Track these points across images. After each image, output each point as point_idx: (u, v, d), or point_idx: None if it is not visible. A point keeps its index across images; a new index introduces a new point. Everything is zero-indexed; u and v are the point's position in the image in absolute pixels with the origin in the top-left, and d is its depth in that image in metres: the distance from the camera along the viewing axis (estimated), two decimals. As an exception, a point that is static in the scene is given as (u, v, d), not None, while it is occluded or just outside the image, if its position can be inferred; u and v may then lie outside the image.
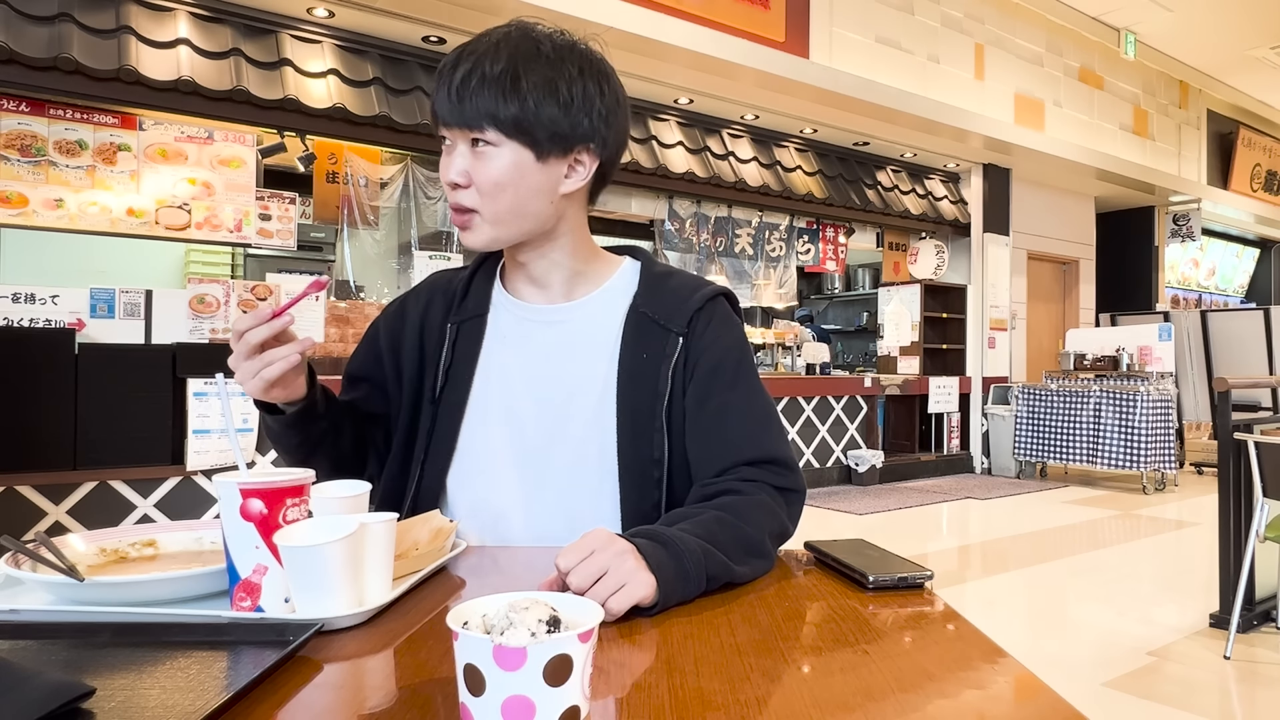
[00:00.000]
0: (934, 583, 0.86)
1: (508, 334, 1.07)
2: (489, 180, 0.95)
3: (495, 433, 1.03)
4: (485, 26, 1.00)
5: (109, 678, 0.57)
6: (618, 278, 1.08)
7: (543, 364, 1.04)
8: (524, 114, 0.92)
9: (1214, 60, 9.25)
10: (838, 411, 7.05)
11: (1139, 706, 2.59)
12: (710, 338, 1.03)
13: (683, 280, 1.08)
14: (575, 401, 1.02)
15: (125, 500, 3.82)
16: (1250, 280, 12.27)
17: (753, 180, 6.51)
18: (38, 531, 0.85)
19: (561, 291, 1.06)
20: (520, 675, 0.49)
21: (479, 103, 0.92)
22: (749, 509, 0.90)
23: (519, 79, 0.92)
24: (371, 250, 5.54)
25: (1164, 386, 6.82)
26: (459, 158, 0.95)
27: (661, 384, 1.01)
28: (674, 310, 1.04)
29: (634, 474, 1.00)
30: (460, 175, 0.95)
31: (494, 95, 0.91)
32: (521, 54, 0.93)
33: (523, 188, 0.96)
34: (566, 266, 1.06)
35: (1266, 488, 2.97)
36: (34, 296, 3.70)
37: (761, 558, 0.87)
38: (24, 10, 3.86)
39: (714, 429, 0.99)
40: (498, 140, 0.93)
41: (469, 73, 0.92)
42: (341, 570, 0.69)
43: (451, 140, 0.96)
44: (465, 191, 0.96)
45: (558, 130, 0.95)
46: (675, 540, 0.78)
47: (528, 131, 0.93)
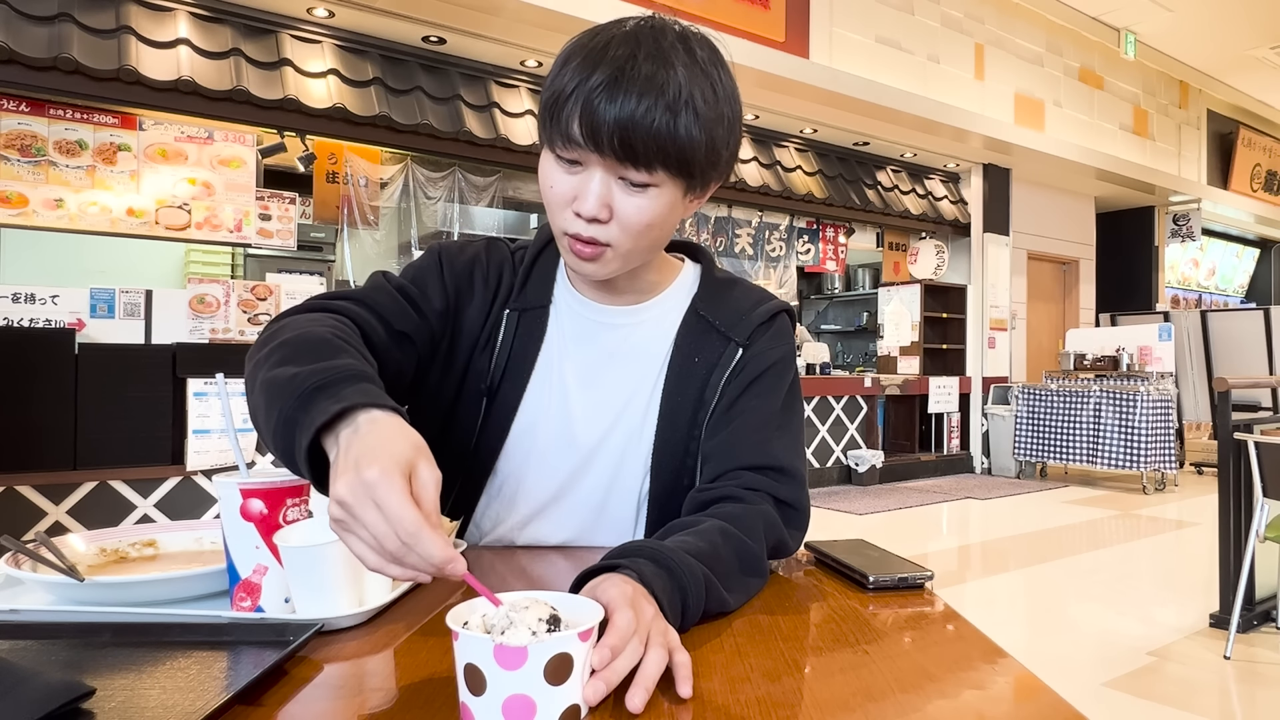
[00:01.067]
0: (934, 583, 0.86)
1: (569, 332, 1.02)
2: (641, 222, 0.85)
3: (544, 432, 1.00)
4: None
5: (109, 678, 0.57)
6: (680, 281, 1.05)
7: (602, 366, 1.01)
8: (694, 151, 0.83)
9: (1214, 60, 9.25)
10: (838, 411, 7.05)
11: (1139, 706, 2.59)
12: (763, 348, 0.99)
13: (746, 290, 1.05)
14: (628, 406, 1.00)
15: (125, 500, 3.82)
16: (1250, 280, 12.27)
17: (753, 180, 6.51)
18: (38, 531, 0.85)
19: (631, 297, 1.02)
20: (521, 674, 0.49)
21: (651, 139, 0.80)
22: (753, 520, 0.85)
23: (696, 110, 0.81)
24: (371, 250, 5.54)
25: (1164, 386, 6.82)
26: (598, 185, 0.83)
27: (710, 392, 0.97)
28: (737, 320, 1.00)
29: (666, 478, 0.98)
30: (603, 209, 0.84)
31: (669, 131, 0.80)
32: (689, 71, 0.82)
33: (668, 225, 0.89)
34: (644, 278, 1.02)
35: (1266, 488, 2.97)
36: (34, 296, 3.70)
37: (758, 576, 0.83)
38: (24, 10, 3.86)
39: (724, 430, 0.95)
40: (660, 180, 0.83)
41: (640, 97, 0.79)
42: (341, 570, 0.69)
43: (585, 163, 0.83)
44: (604, 227, 0.85)
45: (712, 167, 0.87)
46: (683, 572, 0.71)
47: (691, 172, 0.85)
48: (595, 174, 0.83)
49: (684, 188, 0.87)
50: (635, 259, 0.91)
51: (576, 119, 0.80)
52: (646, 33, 0.83)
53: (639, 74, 0.79)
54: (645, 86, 0.79)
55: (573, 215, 0.85)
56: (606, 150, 0.80)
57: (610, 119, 0.79)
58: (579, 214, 0.84)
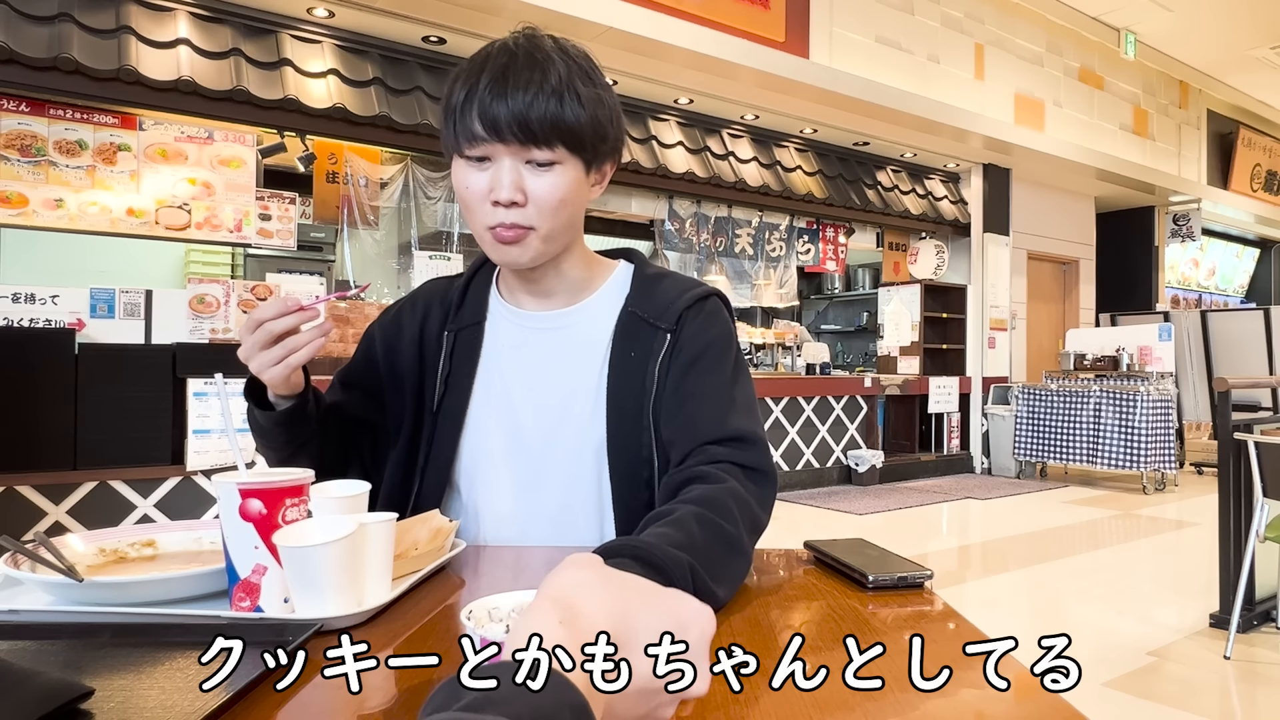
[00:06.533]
0: (934, 582, 0.86)
1: (506, 341, 1.07)
2: (553, 199, 0.93)
3: (494, 440, 1.04)
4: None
5: (108, 678, 0.57)
6: (613, 281, 1.09)
7: (541, 370, 1.05)
8: (583, 129, 0.92)
9: (1214, 60, 9.25)
10: (838, 411, 7.05)
11: (1139, 706, 2.59)
12: (695, 330, 1.02)
13: (674, 281, 1.08)
14: (571, 405, 1.03)
15: (125, 500, 3.82)
16: (1250, 280, 12.26)
17: (753, 180, 6.51)
18: (37, 531, 0.85)
19: (563, 299, 1.07)
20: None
21: (545, 119, 0.90)
22: (724, 499, 0.85)
23: (578, 93, 0.92)
24: (371, 250, 5.54)
25: (1164, 386, 6.82)
26: (509, 171, 0.92)
27: (649, 380, 1.00)
28: (664, 309, 1.03)
29: (624, 473, 1.00)
30: (518, 193, 0.92)
31: (558, 111, 0.90)
32: (567, 66, 0.93)
33: (577, 204, 0.97)
34: (572, 276, 1.06)
35: (1266, 488, 2.97)
36: (34, 296, 3.70)
37: (740, 556, 0.83)
38: (24, 10, 3.86)
39: (680, 412, 0.98)
40: (561, 157, 0.92)
41: (526, 86, 0.89)
42: (341, 570, 0.69)
43: (493, 156, 0.92)
44: (522, 210, 0.93)
45: (604, 143, 0.96)
46: (668, 565, 0.71)
47: (585, 147, 0.94)
48: (504, 162, 0.92)
49: (584, 165, 0.95)
50: (555, 241, 0.98)
51: (475, 117, 0.90)
52: (523, 42, 0.94)
53: (522, 70, 0.91)
54: (529, 78, 0.90)
55: (491, 207, 0.93)
56: (509, 136, 0.90)
57: (504, 110, 0.89)
58: (497, 201, 0.92)
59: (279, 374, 0.91)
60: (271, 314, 0.89)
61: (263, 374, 0.92)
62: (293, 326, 0.90)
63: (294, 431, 0.99)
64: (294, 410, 0.98)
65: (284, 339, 0.91)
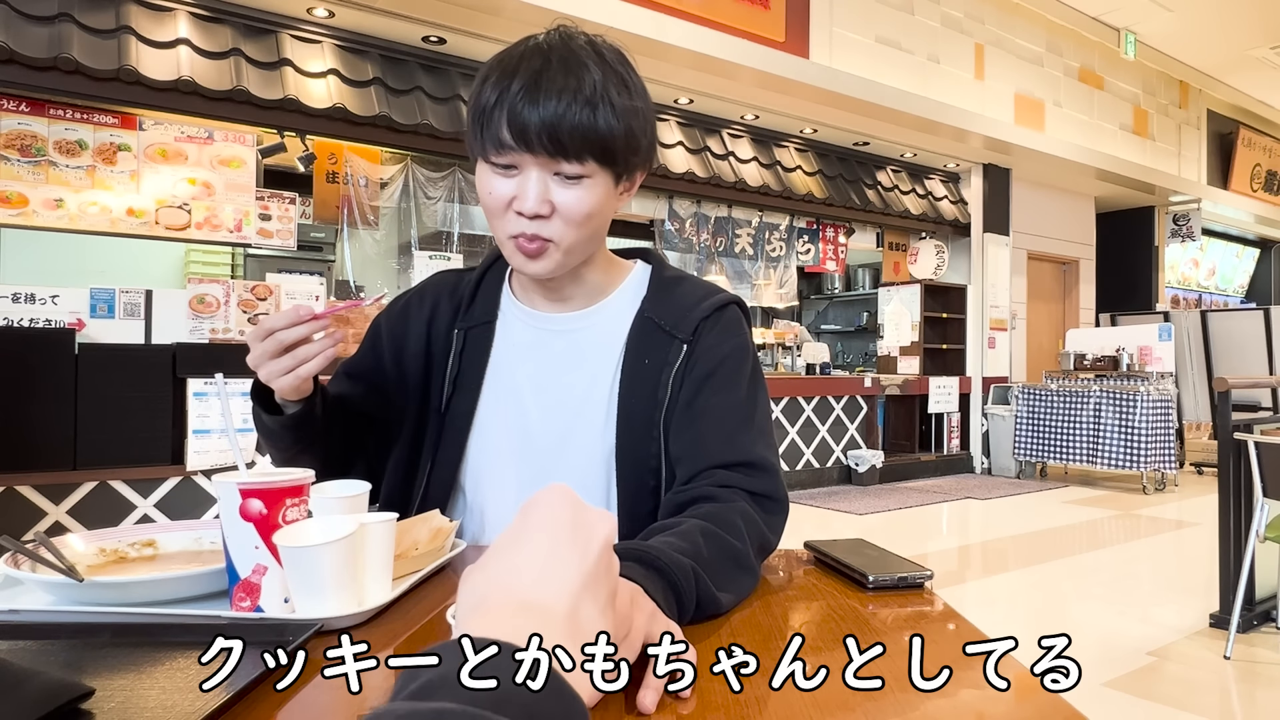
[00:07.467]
0: (934, 582, 0.86)
1: (518, 343, 1.04)
2: (580, 212, 0.89)
3: (503, 442, 1.02)
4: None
5: (108, 678, 0.57)
6: (629, 283, 1.06)
7: (553, 373, 1.02)
8: (615, 141, 0.88)
9: (1214, 60, 9.25)
10: (838, 411, 7.05)
11: (1139, 706, 2.59)
12: (712, 342, 0.99)
13: (692, 287, 1.05)
14: (583, 410, 1.01)
15: (125, 500, 3.82)
16: (1250, 280, 12.26)
17: (753, 180, 6.51)
18: (37, 531, 0.85)
19: (578, 302, 1.04)
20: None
21: (577, 132, 0.85)
22: (731, 517, 0.83)
23: (612, 103, 0.87)
24: (371, 250, 5.54)
25: (1164, 386, 6.82)
26: (536, 182, 0.87)
27: (661, 391, 0.98)
28: (681, 317, 1.00)
29: (631, 480, 0.98)
30: (543, 205, 0.88)
31: (590, 122, 0.85)
32: (602, 71, 0.88)
33: (605, 216, 0.94)
34: (590, 281, 1.03)
35: (1266, 488, 2.97)
36: (34, 296, 3.70)
37: (746, 571, 0.81)
38: (24, 10, 3.86)
39: (691, 430, 0.95)
40: (591, 171, 0.88)
41: (559, 95, 0.84)
42: (341, 570, 0.69)
43: (520, 165, 0.88)
44: (547, 222, 0.89)
45: (635, 155, 0.92)
46: (672, 570, 0.71)
47: (617, 160, 0.90)
48: (531, 173, 0.88)
49: (613, 177, 0.91)
50: (577, 253, 0.94)
51: (504, 125, 0.86)
52: (556, 42, 0.89)
53: (555, 76, 0.85)
54: (563, 86, 0.85)
55: (515, 216, 0.89)
56: (537, 148, 0.85)
57: (535, 119, 0.84)
58: (521, 213, 0.89)
59: (289, 383, 0.90)
60: (283, 324, 0.88)
61: (272, 382, 0.91)
62: (304, 336, 0.89)
63: (301, 433, 0.99)
64: (301, 414, 0.97)
65: (294, 349, 0.90)
